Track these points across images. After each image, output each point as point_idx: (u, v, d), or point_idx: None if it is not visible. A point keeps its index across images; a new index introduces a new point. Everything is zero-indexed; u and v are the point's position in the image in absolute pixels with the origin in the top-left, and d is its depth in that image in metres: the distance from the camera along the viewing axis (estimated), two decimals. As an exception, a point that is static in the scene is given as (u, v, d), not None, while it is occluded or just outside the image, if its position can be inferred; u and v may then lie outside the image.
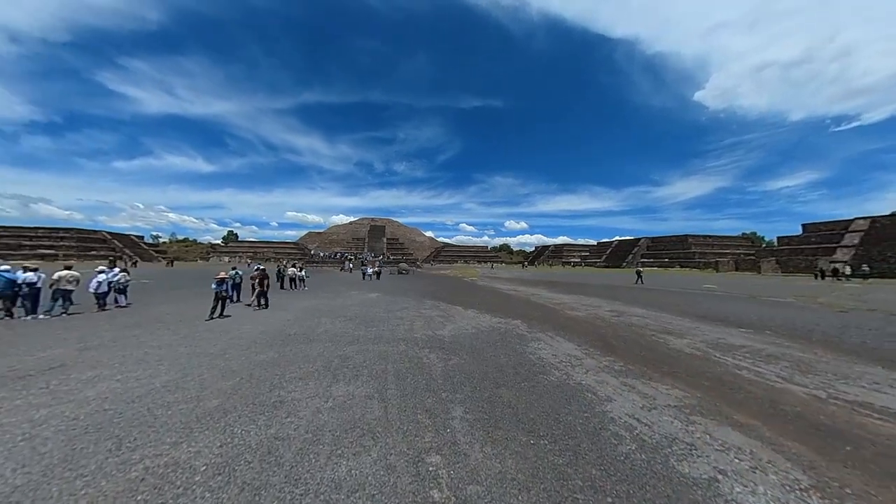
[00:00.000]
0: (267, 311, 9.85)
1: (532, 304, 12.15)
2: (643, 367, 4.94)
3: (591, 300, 13.60)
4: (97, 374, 4.33)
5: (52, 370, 4.49)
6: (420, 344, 6.17)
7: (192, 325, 7.56)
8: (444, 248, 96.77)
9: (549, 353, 5.66)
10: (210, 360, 5.00)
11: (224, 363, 4.89)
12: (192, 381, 4.14)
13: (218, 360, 5.05)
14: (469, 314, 9.78)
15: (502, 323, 8.43)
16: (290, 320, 8.42)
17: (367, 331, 7.25)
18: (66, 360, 4.94)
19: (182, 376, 4.32)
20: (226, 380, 4.22)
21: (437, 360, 5.16)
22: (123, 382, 4.09)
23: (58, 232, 58.42)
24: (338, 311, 9.91)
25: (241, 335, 6.69)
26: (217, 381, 4.20)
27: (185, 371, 4.51)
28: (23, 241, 53.70)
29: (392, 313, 9.69)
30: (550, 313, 10.15)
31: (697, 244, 65.03)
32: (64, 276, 8.49)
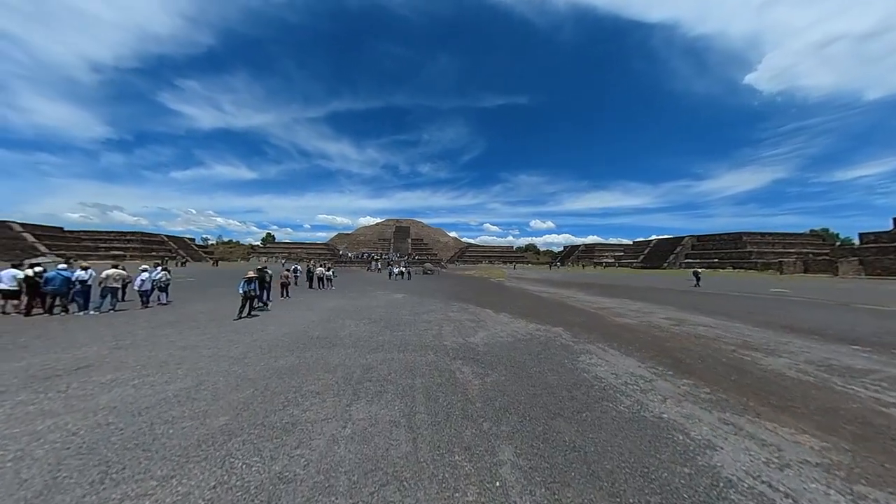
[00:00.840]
0: (292, 310, 9.72)
1: (570, 309, 10.97)
2: (741, 398, 3.81)
3: (638, 304, 12.06)
4: (116, 378, 4.14)
5: (78, 370, 4.39)
6: (451, 354, 5.46)
7: (221, 325, 7.50)
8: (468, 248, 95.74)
9: (608, 371, 4.67)
10: (228, 366, 4.68)
11: (241, 369, 4.53)
12: (204, 391, 3.77)
13: (236, 365, 4.72)
14: (502, 319, 8.91)
15: (541, 330, 7.47)
16: (315, 321, 8.13)
17: (393, 335, 6.69)
18: (95, 359, 4.88)
19: (197, 384, 3.99)
20: (239, 391, 3.81)
21: (472, 376, 4.42)
22: (138, 389, 3.82)
23: (126, 235, 65.98)
24: (363, 313, 9.53)
25: (264, 337, 6.43)
26: (230, 391, 3.80)
27: (201, 378, 4.19)
28: (99, 243, 61.25)
29: (418, 316, 9.10)
30: (594, 319, 8.96)
31: (754, 242, 57.90)
32: (111, 275, 8.93)
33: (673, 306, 11.77)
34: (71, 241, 57.27)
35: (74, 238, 59.15)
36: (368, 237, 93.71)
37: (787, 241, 59.21)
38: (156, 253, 61.55)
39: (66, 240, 56.61)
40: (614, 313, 10.08)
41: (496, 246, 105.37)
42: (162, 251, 64.78)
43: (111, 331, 6.75)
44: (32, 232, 50.82)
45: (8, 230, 48.59)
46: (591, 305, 11.83)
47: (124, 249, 60.93)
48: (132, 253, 60.06)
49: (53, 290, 8.31)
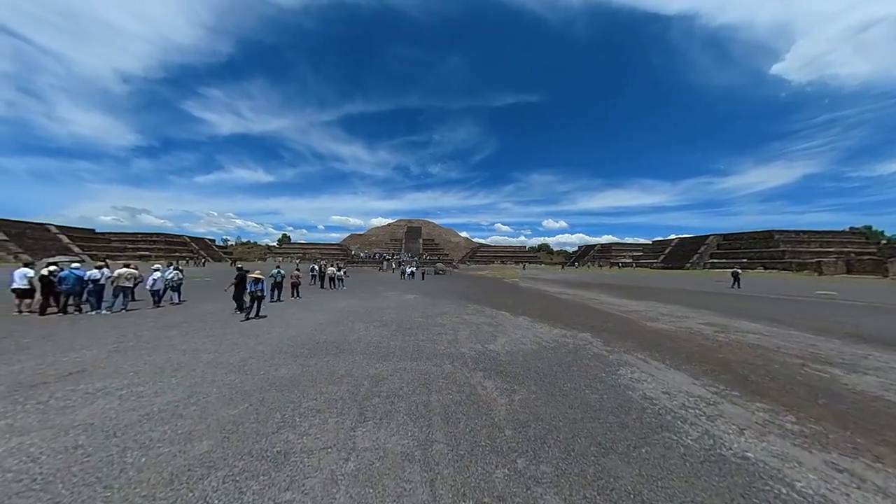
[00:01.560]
0: (301, 311, 9.38)
1: (595, 312, 10.12)
2: (842, 431, 3.02)
3: (669, 308, 11.05)
4: (105, 387, 3.78)
5: (69, 377, 4.08)
6: (469, 363, 4.86)
7: (227, 327, 7.20)
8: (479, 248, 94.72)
9: (657, 389, 3.94)
10: (226, 374, 4.26)
11: (239, 379, 4.10)
12: (193, 406, 3.34)
13: (234, 374, 4.30)
14: (521, 322, 8.22)
15: (567, 336, 6.75)
16: (323, 324, 7.72)
17: (405, 341, 6.15)
18: (91, 363, 4.58)
19: (187, 396, 3.57)
20: (231, 405, 3.35)
21: (496, 392, 3.80)
22: (123, 401, 3.43)
23: (151, 237, 69.00)
24: (373, 315, 9.06)
25: (268, 341, 6.03)
26: (222, 406, 3.34)
27: (194, 388, 3.77)
28: (127, 244, 64.31)
29: (431, 319, 8.54)
30: (624, 325, 8.13)
31: (787, 241, 54.16)
32: (122, 274, 8.85)
33: (709, 310, 10.70)
34: (101, 242, 60.39)
35: (104, 239, 62.34)
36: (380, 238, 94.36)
37: (824, 239, 55.06)
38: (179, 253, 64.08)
39: (97, 241, 59.72)
40: (645, 318, 9.18)
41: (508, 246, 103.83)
42: (184, 251, 67.38)
43: (117, 332, 6.55)
44: (67, 234, 53.87)
45: (46, 232, 51.68)
46: (618, 308, 10.92)
47: (150, 250, 63.63)
48: (157, 253, 62.62)
49: (67, 289, 8.28)
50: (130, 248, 62.81)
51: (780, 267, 49.06)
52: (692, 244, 67.98)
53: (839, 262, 41.17)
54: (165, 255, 62.06)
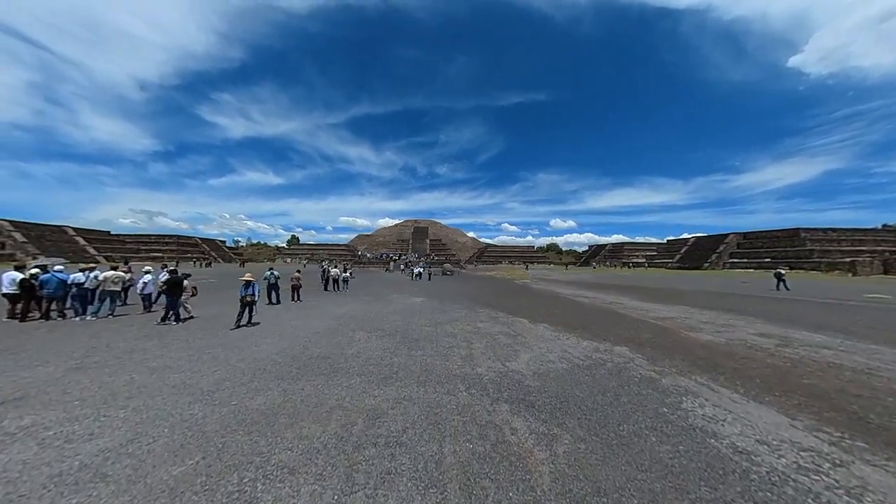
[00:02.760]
0: (299, 316, 8.59)
1: (623, 319, 9.03)
2: None
3: (708, 314, 9.84)
4: (33, 424, 3.00)
5: (0, 406, 3.32)
6: (490, 390, 3.92)
7: (213, 336, 6.44)
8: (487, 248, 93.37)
9: (747, 435, 2.93)
10: (189, 405, 3.44)
11: (203, 412, 3.26)
12: (128, 460, 2.50)
13: (199, 403, 3.47)
14: (542, 332, 7.22)
15: (601, 351, 5.73)
16: (320, 333, 6.89)
17: (410, 357, 5.25)
18: (37, 387, 3.84)
19: (128, 440, 2.74)
20: (177, 460, 2.50)
21: (531, 438, 2.85)
22: (43, 449, 2.62)
23: (164, 238, 70.31)
24: (376, 322, 8.20)
25: (254, 355, 5.22)
26: (166, 459, 2.50)
27: (141, 428, 2.94)
28: (141, 246, 65.64)
29: (441, 327, 7.62)
30: (664, 335, 7.04)
31: (815, 239, 51.20)
32: (109, 277, 8.24)
33: (754, 317, 9.45)
34: (116, 244, 61.73)
35: (119, 241, 63.74)
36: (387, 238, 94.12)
37: (855, 237, 51.83)
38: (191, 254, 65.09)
39: (112, 243, 61.08)
40: (684, 326, 8.05)
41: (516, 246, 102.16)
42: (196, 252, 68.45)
43: (91, 342, 5.85)
44: (84, 236, 55.18)
45: (63, 234, 53.02)
46: (648, 315, 9.79)
47: (163, 251, 64.79)
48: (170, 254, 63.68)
49: (49, 293, 7.70)
50: (144, 249, 64.06)
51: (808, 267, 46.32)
52: (710, 243, 65.22)
53: (874, 261, 38.46)
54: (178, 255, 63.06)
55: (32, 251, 44.93)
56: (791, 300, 13.87)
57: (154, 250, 64.51)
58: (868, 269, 37.09)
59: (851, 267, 38.22)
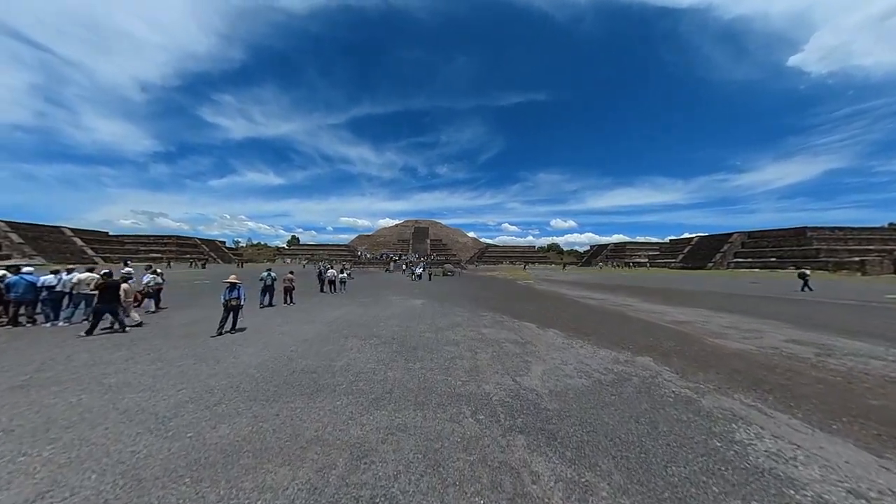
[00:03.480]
0: (289, 321, 7.96)
1: (637, 323, 8.37)
2: None
3: (728, 318, 9.19)
4: (-72, 467, 2.38)
5: None
6: (501, 415, 3.29)
7: (189, 346, 5.83)
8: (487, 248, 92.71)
9: (833, 482, 2.28)
10: (133, 438, 2.82)
11: (147, 451, 2.64)
12: (24, 526, 1.88)
13: (147, 436, 2.85)
14: (553, 339, 6.59)
15: (622, 362, 5.09)
16: (309, 340, 6.27)
17: (408, 370, 4.62)
18: (-38, 412, 3.22)
19: (37, 496, 2.12)
20: (91, 527, 1.88)
21: (558, 491, 2.21)
22: (-79, 507, 2.01)
23: (163, 239, 69.87)
24: (372, 327, 7.58)
25: (229, 369, 4.60)
26: (76, 526, 1.88)
27: (61, 478, 2.32)
28: (140, 246, 65.22)
29: (442, 333, 6.99)
30: (687, 343, 6.40)
31: (821, 238, 50.41)
32: (83, 280, 7.63)
33: (779, 321, 8.79)
34: (114, 244, 61.31)
35: (118, 242, 63.33)
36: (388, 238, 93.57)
37: (862, 236, 50.99)
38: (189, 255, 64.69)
39: (111, 243, 60.65)
40: (706, 332, 7.41)
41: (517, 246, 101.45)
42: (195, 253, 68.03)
43: (50, 353, 5.25)
44: (81, 236, 54.74)
45: (60, 234, 52.58)
46: (663, 318, 9.14)
47: (161, 252, 64.35)
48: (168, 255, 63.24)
49: (17, 297, 7.11)
50: (143, 250, 63.64)
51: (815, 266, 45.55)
52: (714, 243, 64.45)
53: (885, 261, 37.66)
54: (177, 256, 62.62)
55: (29, 252, 44.48)
56: (810, 302, 13.19)
57: (153, 251, 64.04)
58: (878, 269, 36.30)
59: (861, 266, 37.43)
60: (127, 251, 60.11)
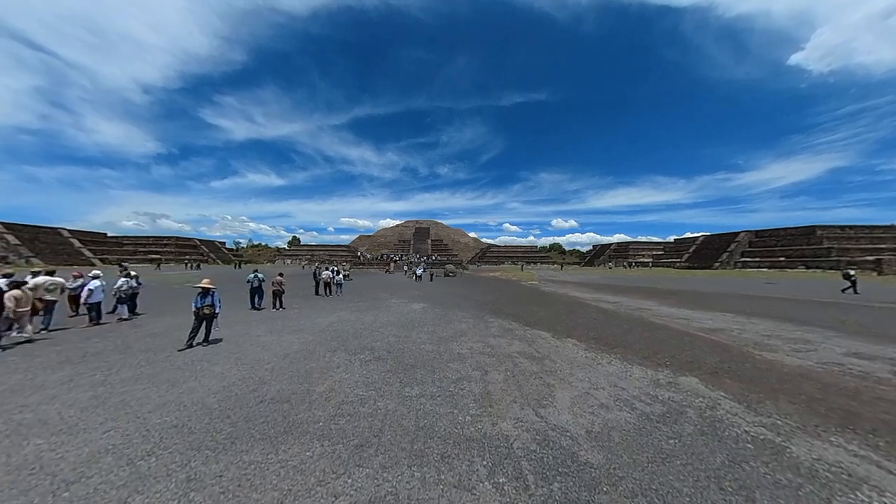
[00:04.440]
0: (271, 331, 7.06)
1: (665, 331, 7.44)
2: None
3: (766, 324, 8.22)
4: None
5: None
6: (530, 479, 2.37)
7: (149, 363, 4.96)
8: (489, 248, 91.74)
9: None
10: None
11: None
12: None
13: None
14: (573, 352, 5.67)
15: (663, 385, 4.18)
16: (291, 355, 5.39)
17: (403, 400, 3.72)
18: None
19: None
20: None
21: None
22: None
23: (162, 240, 69.32)
24: (365, 337, 6.69)
25: (182, 398, 3.72)
26: None
27: None
28: (139, 247, 64.72)
29: (445, 345, 6.09)
30: (732, 357, 5.46)
31: (832, 237, 49.17)
32: (41, 285, 6.79)
33: (825, 328, 7.83)
34: (113, 245, 60.79)
35: (116, 243, 62.84)
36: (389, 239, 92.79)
37: (875, 234, 49.66)
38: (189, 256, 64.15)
39: (109, 244, 60.13)
40: (746, 342, 6.47)
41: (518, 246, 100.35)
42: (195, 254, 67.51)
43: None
44: (79, 237, 54.20)
45: (58, 236, 52.04)
46: (691, 325, 8.20)
47: (160, 253, 63.84)
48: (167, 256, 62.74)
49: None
50: (142, 251, 63.15)
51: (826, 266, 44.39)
52: (720, 242, 63.28)
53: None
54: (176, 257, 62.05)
55: (26, 254, 43.93)
56: (844, 304, 12.19)
57: (152, 252, 63.52)
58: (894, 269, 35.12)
59: (877, 266, 36.28)
60: (125, 252, 59.58)
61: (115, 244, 62.05)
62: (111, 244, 61.14)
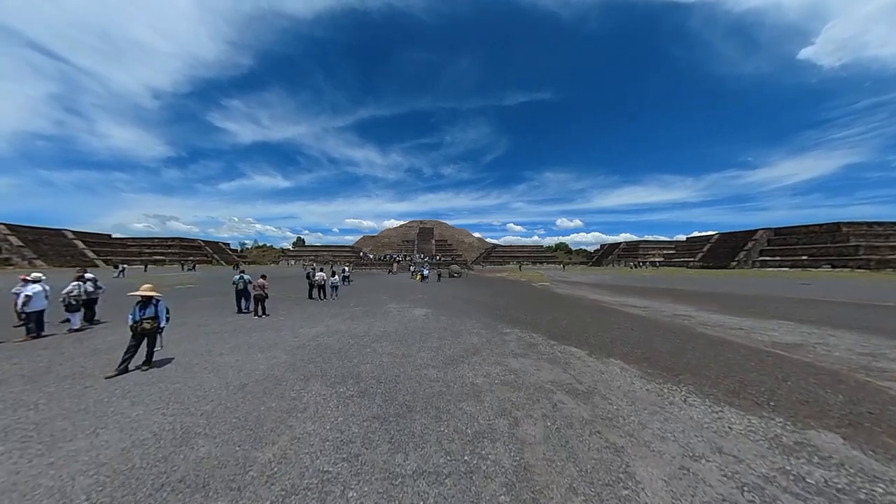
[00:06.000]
0: (240, 348, 5.70)
1: (730, 349, 5.90)
2: None
3: (848, 338, 6.63)
4: None
5: None
6: None
7: (53, 397, 3.63)
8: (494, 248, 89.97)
9: None
10: None
11: None
12: None
13: None
14: (626, 382, 4.19)
15: (796, 451, 2.69)
16: (248, 386, 4.02)
17: (391, 483, 2.30)
18: None
19: None
20: None
21: None
22: None
23: (166, 241, 69.20)
24: (353, 357, 5.30)
25: (47, 470, 2.37)
26: None
27: None
28: (143, 248, 64.65)
29: (453, 371, 4.66)
30: (864, 398, 3.94)
31: (859, 234, 46.45)
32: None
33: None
34: (117, 247, 60.73)
35: (120, 244, 62.81)
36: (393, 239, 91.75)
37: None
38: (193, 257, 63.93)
39: (113, 246, 60.08)
40: (852, 366, 4.92)
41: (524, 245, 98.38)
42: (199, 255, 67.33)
43: None
44: (83, 239, 54.11)
45: (62, 237, 51.98)
46: (751, 337, 6.64)
47: (165, 254, 63.73)
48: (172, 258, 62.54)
49: None
50: (146, 252, 63.06)
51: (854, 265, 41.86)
52: (736, 240, 60.72)
53: (939, 258, 33.85)
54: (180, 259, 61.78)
55: (29, 256, 43.77)
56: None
57: (156, 253, 63.41)
58: (933, 267, 32.57)
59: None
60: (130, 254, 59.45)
61: (119, 245, 62.02)
62: (115, 245, 61.10)
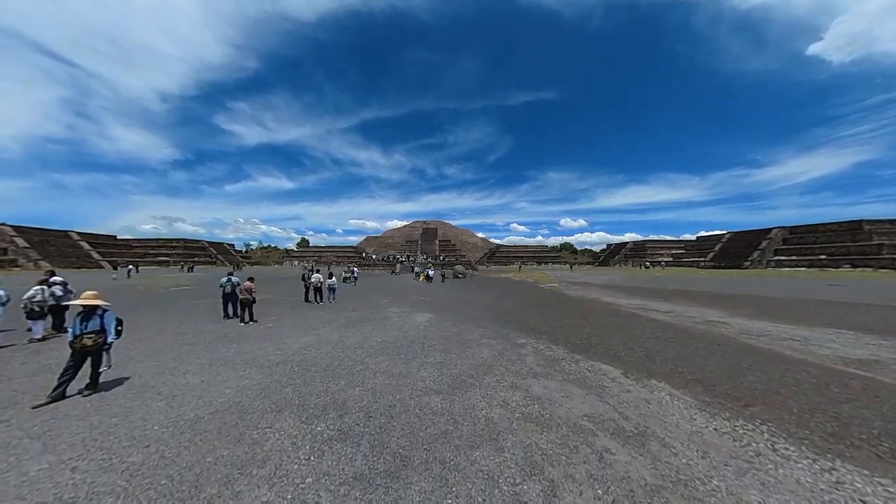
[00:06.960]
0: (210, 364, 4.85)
1: (798, 369, 4.88)
2: None
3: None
4: None
5: None
6: None
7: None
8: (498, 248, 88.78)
9: None
10: None
11: None
12: None
13: None
14: (677, 413, 3.25)
15: None
16: (203, 421, 3.15)
17: None
18: None
19: None
20: None
21: None
22: None
23: (171, 242, 69.42)
24: (341, 377, 4.42)
25: None
26: None
27: None
28: (149, 250, 64.87)
29: (462, 398, 3.74)
30: None
31: (882, 233, 44.41)
32: None
33: None
34: (122, 248, 60.96)
35: (126, 245, 63.07)
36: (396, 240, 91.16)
37: (932, 229, 44.61)
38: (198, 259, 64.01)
39: (118, 247, 60.31)
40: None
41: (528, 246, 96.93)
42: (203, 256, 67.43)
43: None
44: (88, 240, 54.33)
45: (67, 239, 52.21)
46: (819, 355, 5.62)
47: (170, 255, 63.84)
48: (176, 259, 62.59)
49: None
50: (151, 253, 63.23)
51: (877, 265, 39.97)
52: (749, 239, 58.81)
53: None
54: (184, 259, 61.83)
55: (35, 257, 43.91)
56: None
57: (161, 254, 63.55)
58: (966, 267, 30.71)
59: (944, 264, 31.88)
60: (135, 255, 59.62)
61: (124, 247, 62.26)
62: (121, 247, 61.34)
